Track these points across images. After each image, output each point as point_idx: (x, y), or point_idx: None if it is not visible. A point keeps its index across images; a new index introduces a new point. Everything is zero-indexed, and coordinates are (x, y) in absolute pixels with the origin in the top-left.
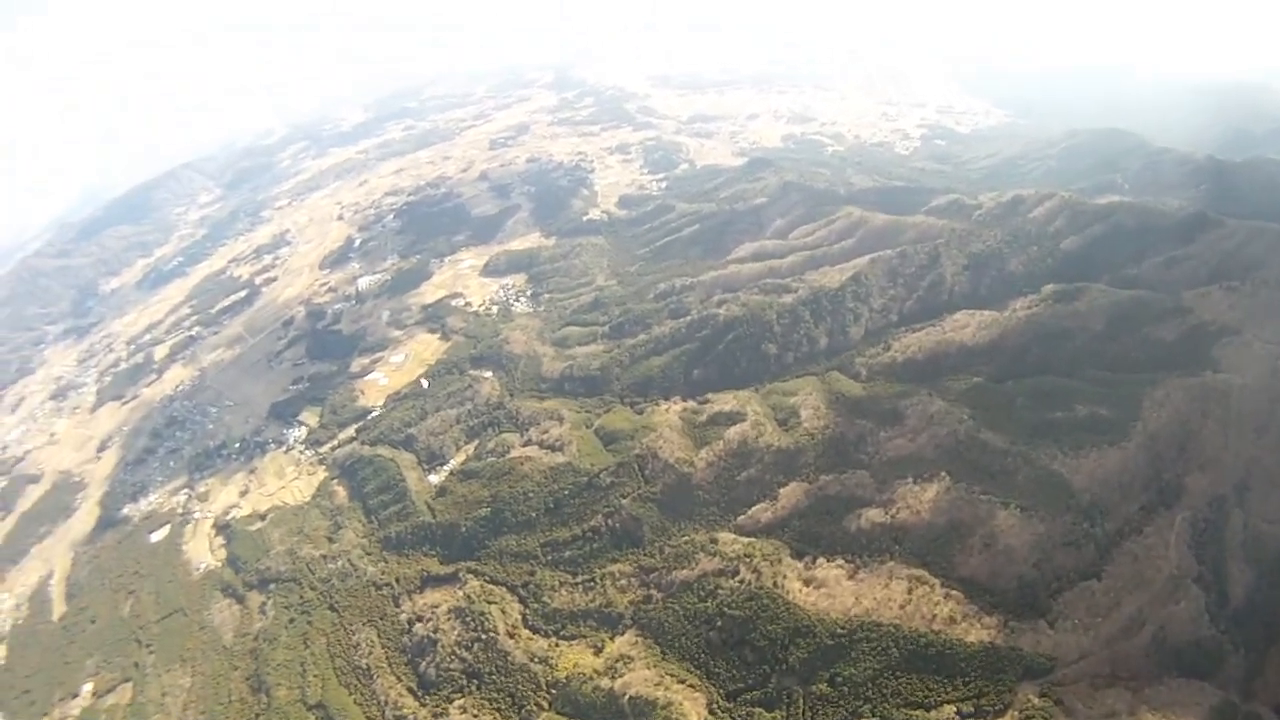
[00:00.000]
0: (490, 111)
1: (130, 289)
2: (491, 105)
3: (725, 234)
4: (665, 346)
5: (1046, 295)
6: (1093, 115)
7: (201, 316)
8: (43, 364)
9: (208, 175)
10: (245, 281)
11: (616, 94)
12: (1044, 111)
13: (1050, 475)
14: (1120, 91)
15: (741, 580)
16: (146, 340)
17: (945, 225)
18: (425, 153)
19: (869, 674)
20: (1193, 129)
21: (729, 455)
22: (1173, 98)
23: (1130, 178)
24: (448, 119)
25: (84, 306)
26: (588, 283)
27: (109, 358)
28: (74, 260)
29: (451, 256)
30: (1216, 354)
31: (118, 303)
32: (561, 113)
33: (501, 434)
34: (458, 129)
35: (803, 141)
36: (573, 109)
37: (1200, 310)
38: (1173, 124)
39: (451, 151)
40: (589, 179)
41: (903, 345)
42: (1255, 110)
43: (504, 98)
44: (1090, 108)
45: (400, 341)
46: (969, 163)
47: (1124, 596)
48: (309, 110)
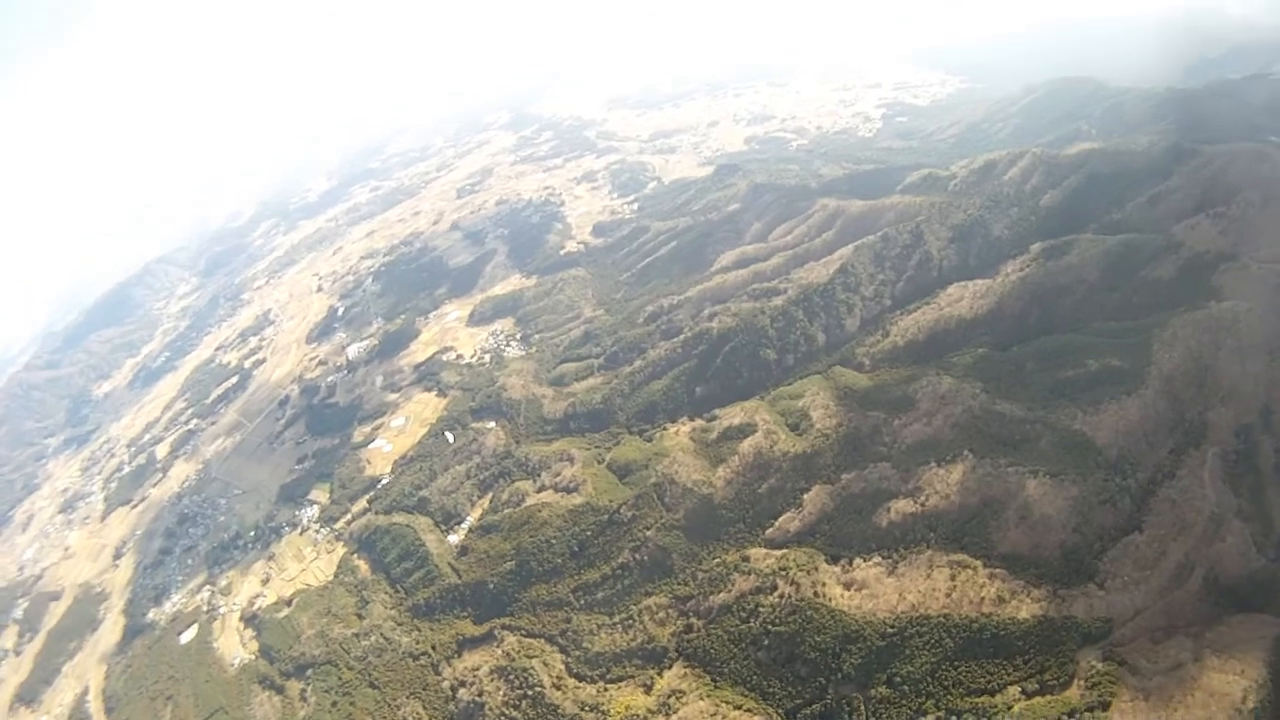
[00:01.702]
0: (452, 160)
1: (122, 391)
2: (452, 154)
3: (705, 246)
4: (664, 369)
5: (1036, 254)
6: (1050, 68)
7: (197, 409)
8: (47, 478)
9: (182, 266)
10: (235, 367)
11: (574, 123)
12: (1000, 73)
13: (1073, 435)
14: (1074, 41)
15: (781, 595)
16: (146, 440)
17: (923, 201)
18: (394, 211)
19: (926, 668)
20: (1150, 65)
21: (746, 469)
22: (1127, 38)
23: (1095, 123)
24: (411, 174)
25: (80, 415)
26: (575, 317)
27: (112, 463)
28: (63, 370)
29: (436, 311)
30: (1217, 283)
31: (112, 406)
32: (523, 150)
33: (514, 483)
34: (423, 182)
35: (766, 141)
36: (533, 145)
37: (1192, 242)
38: (1130, 64)
39: (420, 206)
40: (560, 212)
41: (901, 329)
42: (1208, 35)
43: (464, 144)
44: (1046, 62)
45: (398, 405)
46: (934, 135)
47: (1168, 544)
48: (273, 184)
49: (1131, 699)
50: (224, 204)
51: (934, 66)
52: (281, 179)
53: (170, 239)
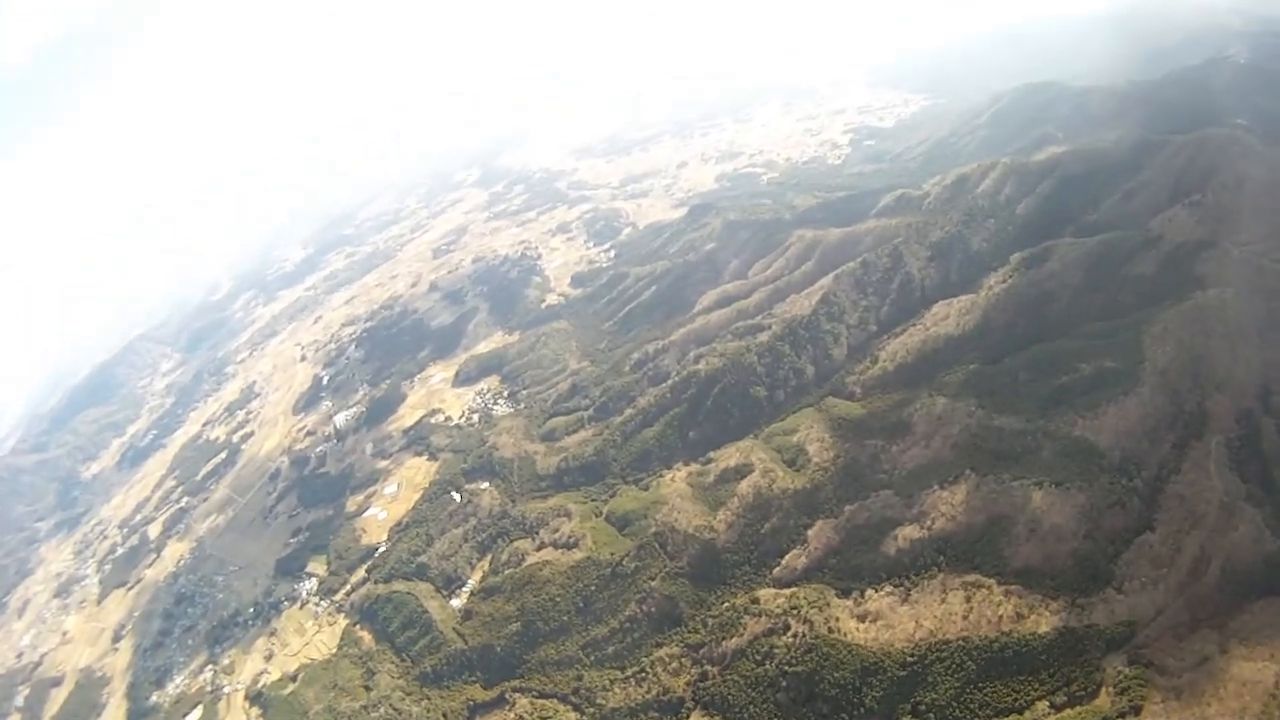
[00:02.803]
0: (426, 221)
1: (111, 471)
2: (426, 214)
3: (684, 288)
4: (654, 416)
5: (1017, 264)
6: (1011, 76)
7: (187, 486)
8: (40, 563)
9: (164, 342)
10: (223, 442)
11: (545, 175)
12: (962, 87)
13: (1074, 442)
14: (1031, 47)
15: (795, 634)
16: (138, 520)
17: (899, 223)
18: (372, 276)
19: (951, 694)
20: (1110, 61)
21: (747, 510)
22: (1083, 37)
23: (1062, 126)
24: (386, 238)
25: (69, 497)
26: (561, 370)
27: (104, 545)
28: (51, 453)
29: (421, 374)
30: (1200, 272)
31: (102, 488)
32: (495, 206)
33: (513, 543)
34: (398, 245)
35: (737, 177)
36: (505, 200)
37: (1170, 234)
38: (1090, 62)
39: (397, 269)
40: (537, 266)
41: (889, 353)
42: (1162, 25)
43: (436, 204)
44: (1006, 70)
45: (389, 471)
46: (903, 155)
47: (1182, 539)
48: (250, 255)
49: (1163, 700)
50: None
51: (895, 87)
52: (258, 249)
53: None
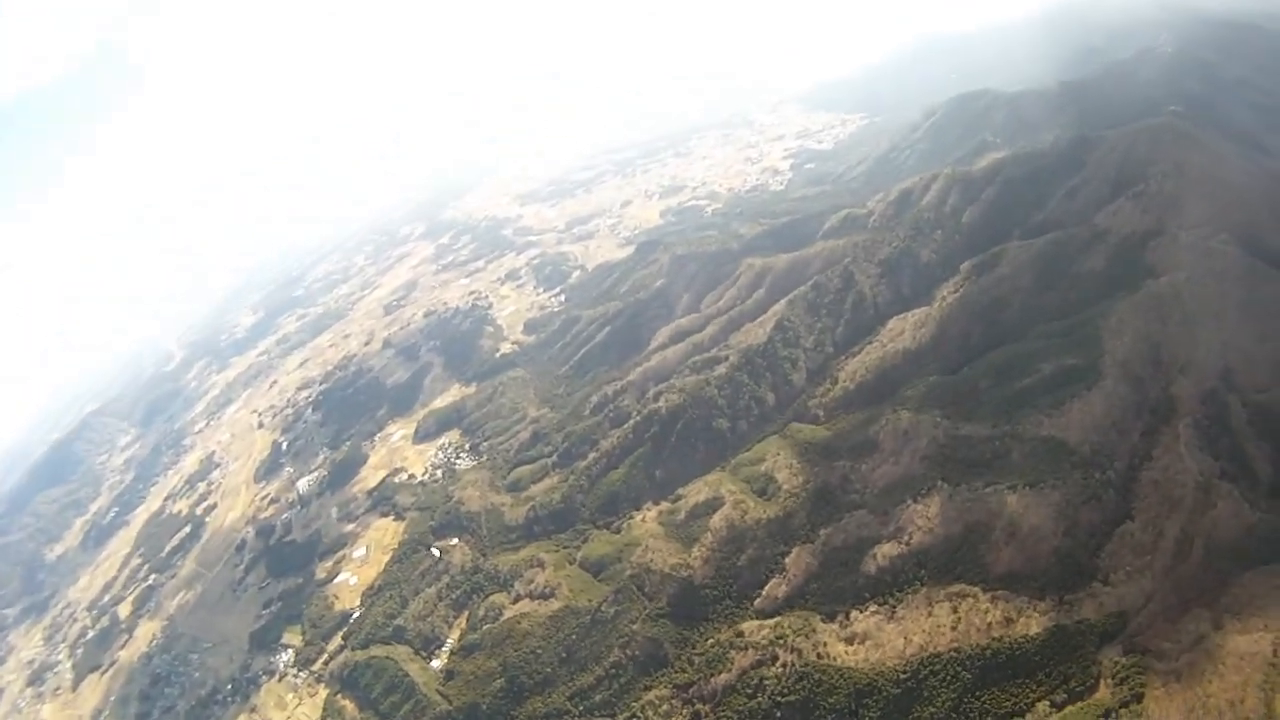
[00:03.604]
0: (375, 278)
1: (76, 552)
2: (374, 271)
3: (638, 326)
4: (619, 457)
5: (967, 272)
6: (943, 88)
7: (153, 563)
8: (10, 650)
9: (120, 416)
10: (186, 516)
11: (490, 224)
12: (896, 104)
13: (1043, 442)
14: (962, 58)
15: (784, 664)
16: (107, 601)
17: (846, 243)
18: (325, 337)
19: (949, 705)
20: (1040, 63)
21: (721, 544)
22: (1012, 43)
23: (999, 132)
24: (336, 297)
25: (35, 581)
26: (521, 418)
27: (75, 629)
28: (12, 536)
29: (380, 433)
30: (1150, 261)
31: (67, 569)
32: (443, 258)
33: (488, 597)
34: (349, 304)
35: (682, 211)
36: (453, 251)
37: (1117, 227)
38: (1021, 67)
39: (349, 328)
40: (489, 315)
41: (849, 373)
42: (1089, 23)
43: (384, 260)
44: (938, 82)
45: (357, 534)
46: (844, 175)
47: (1162, 524)
48: (200, 323)
49: (1164, 684)
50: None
51: (831, 109)
52: (208, 316)
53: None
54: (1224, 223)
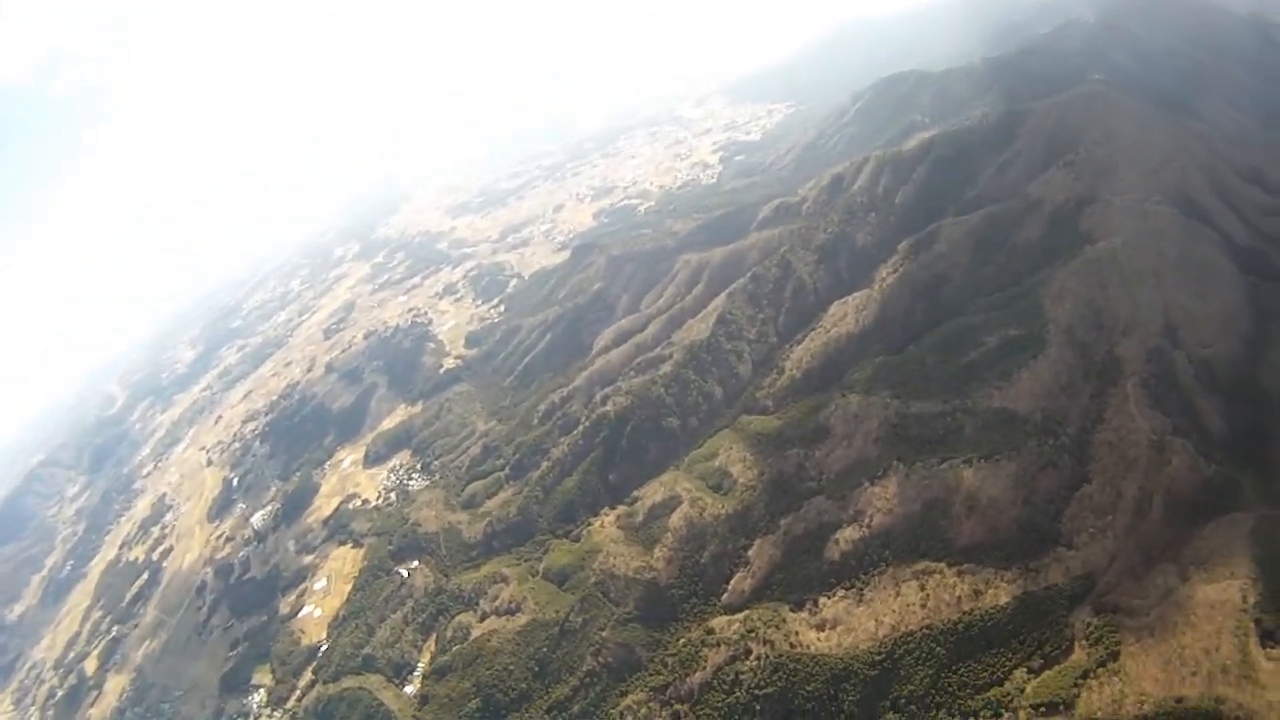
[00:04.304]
0: (313, 302)
1: (36, 610)
2: (312, 295)
3: (579, 331)
4: (571, 465)
5: (905, 252)
6: (869, 72)
7: (115, 614)
8: None
9: (66, 465)
10: (143, 562)
11: (424, 239)
12: (822, 91)
13: (995, 414)
14: (884, 39)
15: (757, 657)
16: (72, 659)
17: (782, 231)
18: (267, 366)
19: (927, 682)
20: (963, 41)
21: (682, 543)
22: (934, 22)
23: (927, 112)
24: (275, 325)
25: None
26: (470, 434)
27: (43, 690)
28: None
29: (330, 461)
30: (1085, 227)
31: (29, 628)
32: (379, 277)
33: (455, 618)
34: (288, 331)
35: (615, 212)
36: (389, 270)
37: (1051, 196)
38: (945, 46)
39: (291, 356)
40: (430, 332)
41: (794, 361)
42: (1009, 2)
43: (320, 284)
44: (864, 67)
45: (316, 566)
46: (774, 165)
47: (1120, 484)
48: (139, 363)
49: (1138, 640)
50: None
51: (757, 100)
52: (147, 354)
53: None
54: (1156, 186)
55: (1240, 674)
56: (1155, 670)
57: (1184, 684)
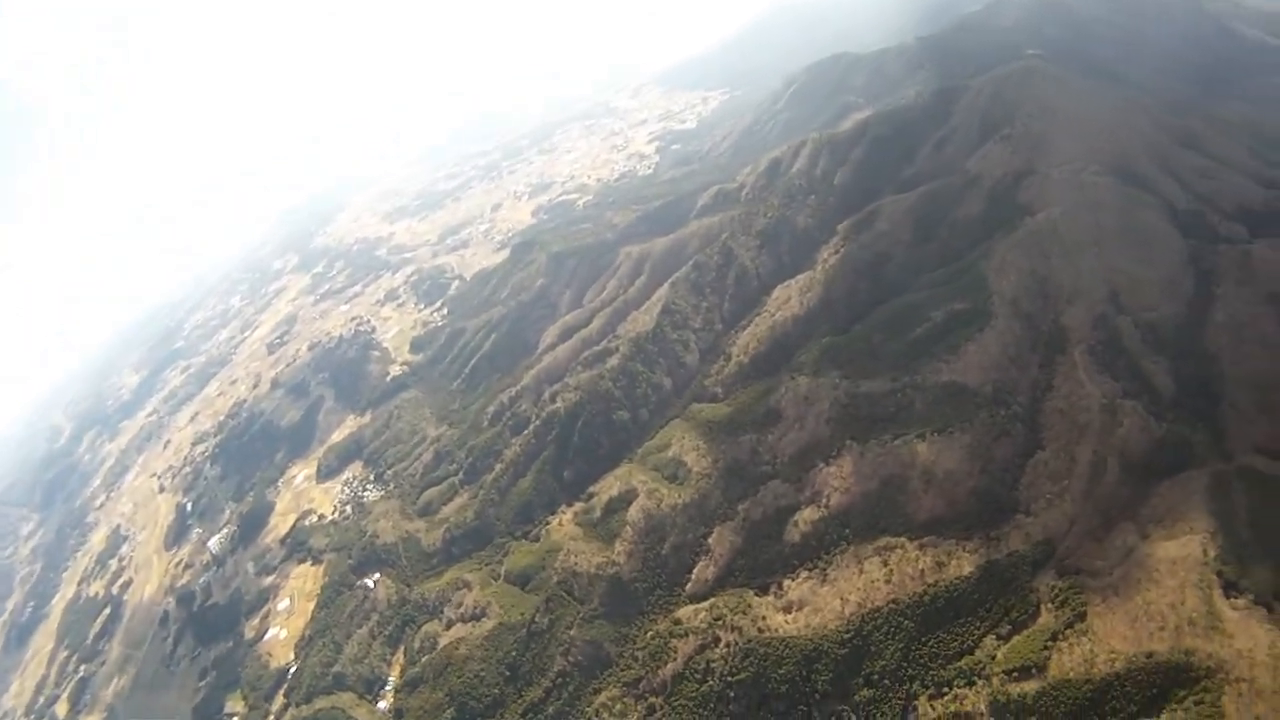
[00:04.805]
0: (254, 317)
1: (0, 656)
2: (253, 311)
3: (524, 329)
4: (525, 465)
5: (845, 233)
6: (803, 56)
7: (81, 652)
8: None
9: (17, 503)
10: (104, 597)
11: (363, 245)
12: (756, 76)
13: (945, 388)
14: (816, 23)
15: (727, 644)
16: (42, 704)
17: (722, 218)
18: (212, 386)
19: (898, 655)
20: (897, 20)
21: (642, 536)
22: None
23: (861, 93)
24: (218, 344)
25: None
26: (421, 440)
27: None
28: None
29: (283, 478)
30: (1024, 200)
31: None
32: (320, 288)
33: (421, 628)
34: (232, 349)
35: (553, 208)
36: (329, 279)
37: (989, 171)
38: (879, 27)
39: (235, 374)
40: (374, 340)
41: (741, 347)
42: None
43: (261, 298)
44: (797, 51)
45: (278, 586)
46: (711, 152)
47: (1074, 449)
48: (83, 391)
49: (1103, 599)
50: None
51: (692, 88)
52: (90, 382)
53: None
54: (1094, 155)
55: (1208, 625)
56: (1123, 628)
57: (1152, 639)
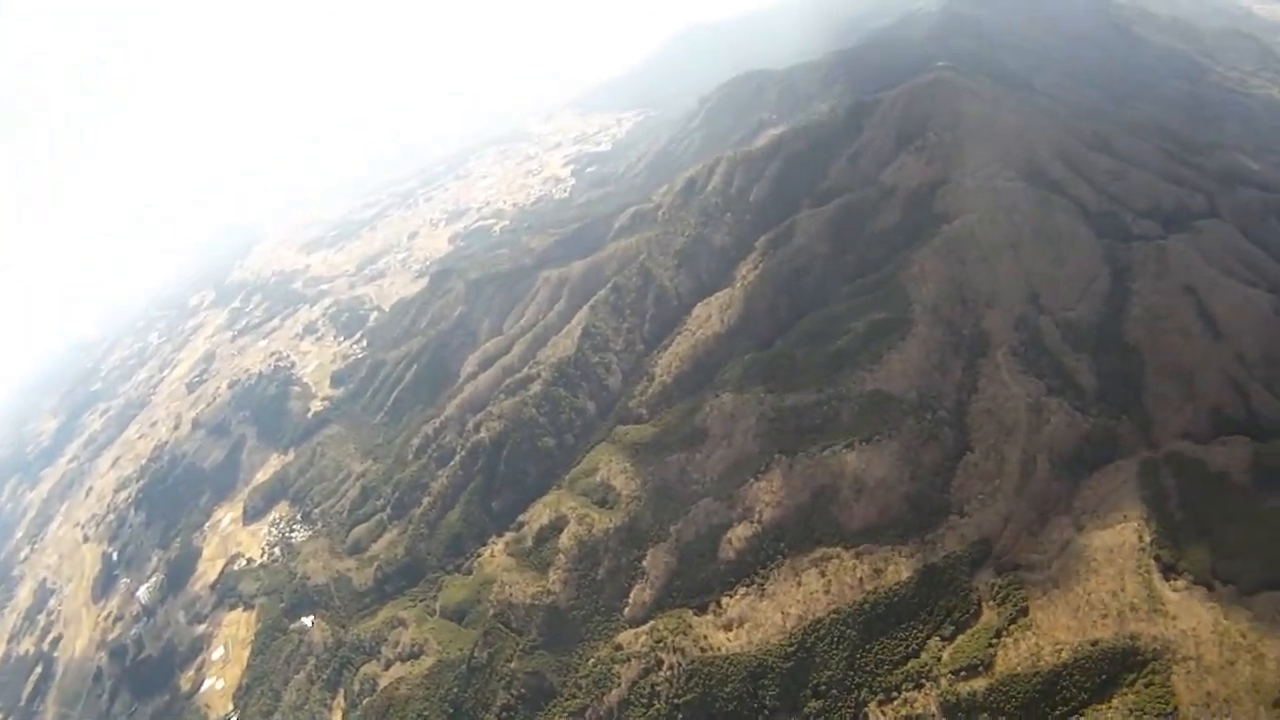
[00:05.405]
0: (172, 356)
1: None
2: (170, 349)
3: (445, 359)
4: (453, 497)
5: (763, 248)
6: (716, 75)
7: (16, 715)
8: None
9: None
10: (34, 655)
11: (280, 278)
12: (670, 97)
13: (870, 397)
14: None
15: (670, 666)
16: None
17: (639, 239)
18: (132, 429)
19: (844, 664)
20: (809, 38)
21: (576, 563)
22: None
23: (775, 109)
24: (136, 384)
25: None
26: (346, 477)
27: None
28: None
29: (209, 522)
30: (940, 208)
31: None
32: (238, 323)
33: (359, 670)
34: (150, 389)
35: (470, 235)
36: (247, 314)
37: (904, 181)
38: (791, 45)
39: (155, 415)
40: (294, 375)
41: (664, 367)
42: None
43: (179, 335)
44: (710, 71)
45: (211, 634)
46: (627, 174)
47: (1003, 448)
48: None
49: (1043, 593)
50: None
51: (606, 109)
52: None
53: None
54: (1007, 161)
55: (1150, 609)
56: (1066, 619)
57: (1096, 627)
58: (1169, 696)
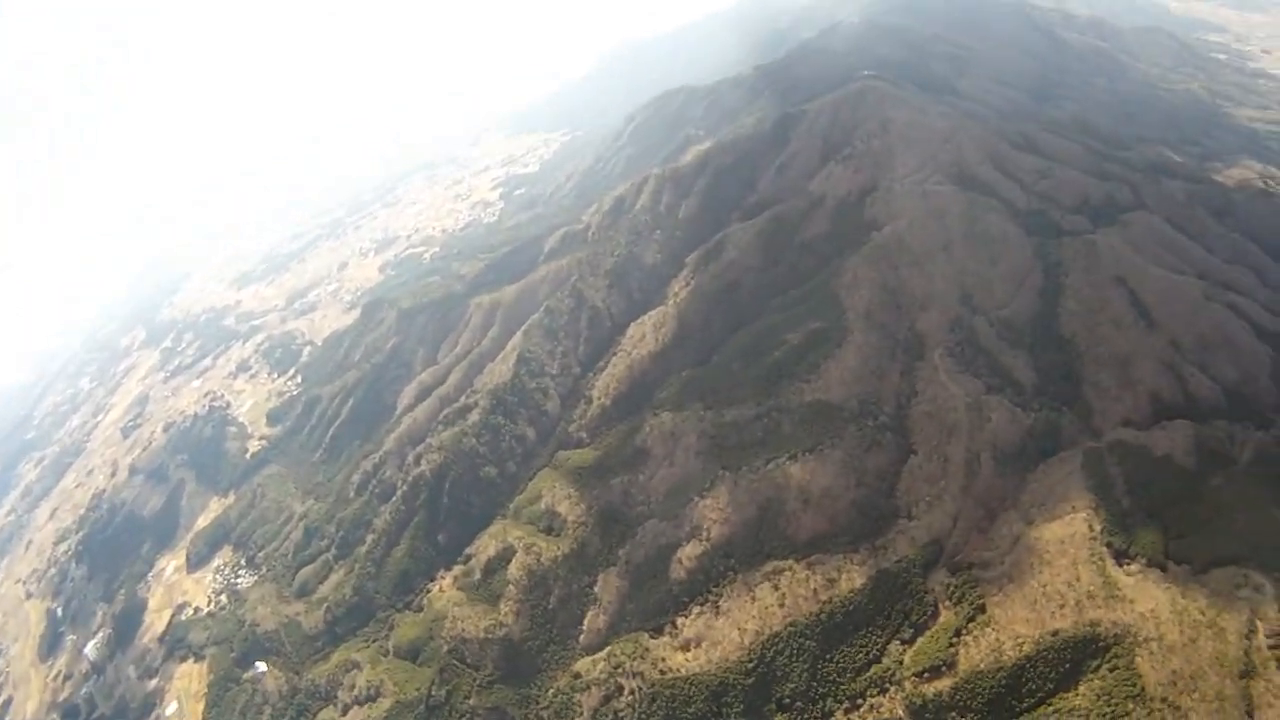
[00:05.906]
0: (105, 400)
1: None
2: (103, 393)
3: (381, 392)
4: (397, 533)
5: (694, 264)
6: (643, 93)
7: None
8: None
9: None
10: None
11: (211, 315)
12: (596, 116)
13: (810, 407)
14: (655, 61)
15: (630, 690)
16: None
17: (569, 261)
18: (69, 478)
19: (806, 676)
20: (733, 53)
21: (526, 593)
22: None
23: (701, 124)
24: (70, 431)
25: None
26: (289, 518)
27: None
28: None
29: (152, 572)
30: (870, 215)
31: None
32: (170, 363)
33: (316, 716)
34: (85, 435)
35: (400, 263)
36: (179, 354)
37: (832, 190)
38: (716, 61)
39: (91, 462)
40: (229, 415)
41: (601, 389)
42: (776, 9)
43: (111, 379)
44: (636, 88)
45: (163, 689)
46: (555, 195)
47: (946, 449)
48: None
49: (999, 589)
50: None
51: (532, 131)
52: None
53: None
54: (935, 165)
55: (1106, 595)
56: (1024, 612)
57: (1055, 618)
58: (1135, 678)
